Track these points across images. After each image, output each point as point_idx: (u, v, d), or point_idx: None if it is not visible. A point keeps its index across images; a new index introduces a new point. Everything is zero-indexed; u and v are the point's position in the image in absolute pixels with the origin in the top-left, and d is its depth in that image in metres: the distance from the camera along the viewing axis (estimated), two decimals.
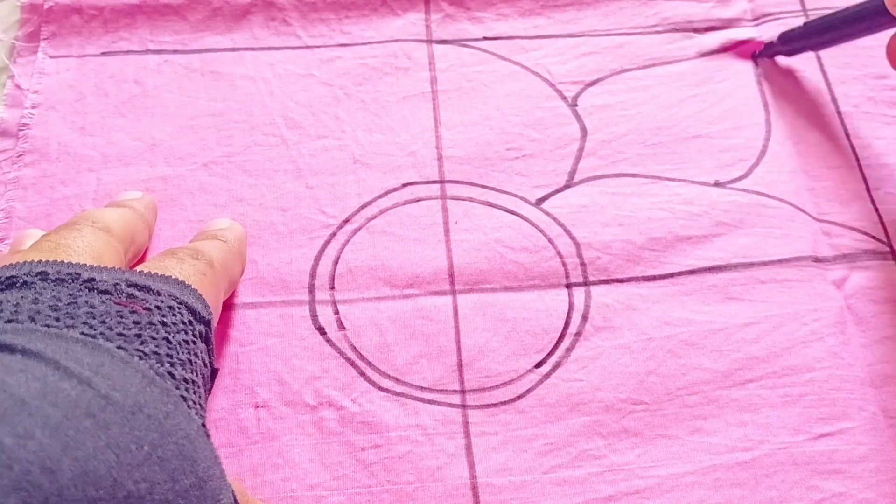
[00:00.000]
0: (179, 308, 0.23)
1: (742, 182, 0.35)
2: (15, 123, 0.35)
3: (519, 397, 0.30)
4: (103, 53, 0.38)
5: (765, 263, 0.33)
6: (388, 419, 0.30)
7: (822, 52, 0.39)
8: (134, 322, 0.22)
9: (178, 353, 0.22)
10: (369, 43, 0.38)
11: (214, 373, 0.25)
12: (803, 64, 0.39)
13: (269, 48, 0.38)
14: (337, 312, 0.32)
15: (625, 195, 0.35)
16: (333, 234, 0.33)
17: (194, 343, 0.23)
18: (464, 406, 0.30)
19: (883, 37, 0.34)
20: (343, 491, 0.28)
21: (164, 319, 0.23)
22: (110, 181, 0.34)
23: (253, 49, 0.38)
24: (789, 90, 0.38)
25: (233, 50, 0.38)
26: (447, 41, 0.39)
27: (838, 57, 0.39)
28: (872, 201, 0.35)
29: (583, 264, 0.33)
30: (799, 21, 0.39)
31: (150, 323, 0.22)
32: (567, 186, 0.35)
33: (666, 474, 0.29)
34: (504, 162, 0.36)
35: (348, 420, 0.29)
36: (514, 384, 0.31)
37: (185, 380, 0.22)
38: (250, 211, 0.34)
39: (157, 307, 0.23)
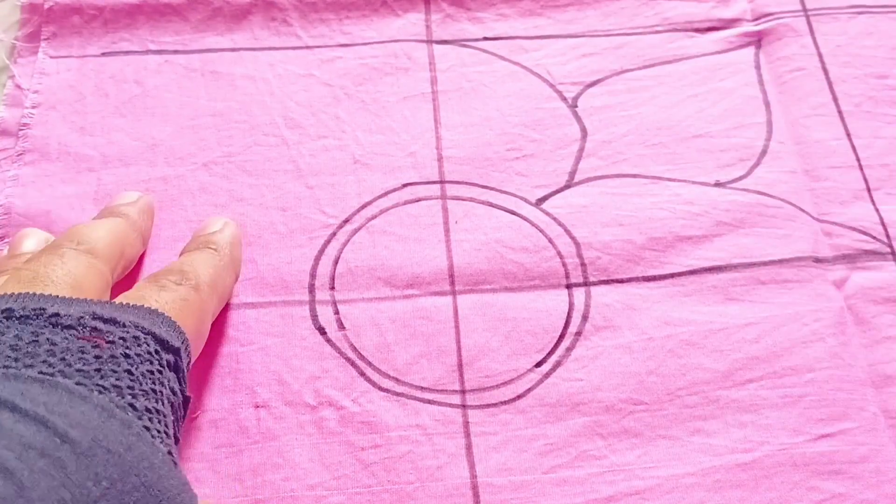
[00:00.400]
0: (146, 339, 0.23)
1: (743, 182, 0.35)
2: (15, 123, 0.35)
3: (519, 397, 0.30)
4: (103, 54, 0.38)
5: (765, 264, 0.33)
6: (388, 419, 0.30)
7: (824, 51, 0.39)
8: (95, 357, 0.22)
9: (141, 384, 0.22)
10: (369, 43, 0.38)
11: (187, 401, 0.25)
12: (804, 62, 0.39)
13: (270, 48, 0.38)
14: (337, 312, 0.32)
15: (625, 195, 0.35)
16: (333, 234, 0.33)
17: (160, 373, 0.23)
18: (464, 406, 0.30)
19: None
20: (343, 491, 0.28)
21: (128, 351, 0.23)
22: (110, 181, 0.34)
23: (253, 49, 0.38)
24: (790, 90, 0.38)
25: (233, 50, 0.38)
26: (447, 41, 0.39)
27: (839, 56, 0.39)
28: (873, 201, 0.35)
29: (583, 264, 0.33)
30: (799, 21, 0.40)
31: (112, 356, 0.22)
32: (567, 187, 0.35)
33: (666, 475, 0.29)
34: (504, 162, 0.36)
35: (348, 420, 0.29)
36: (514, 384, 0.31)
37: (149, 409, 0.22)
38: (250, 211, 0.34)
39: (122, 338, 0.23)
